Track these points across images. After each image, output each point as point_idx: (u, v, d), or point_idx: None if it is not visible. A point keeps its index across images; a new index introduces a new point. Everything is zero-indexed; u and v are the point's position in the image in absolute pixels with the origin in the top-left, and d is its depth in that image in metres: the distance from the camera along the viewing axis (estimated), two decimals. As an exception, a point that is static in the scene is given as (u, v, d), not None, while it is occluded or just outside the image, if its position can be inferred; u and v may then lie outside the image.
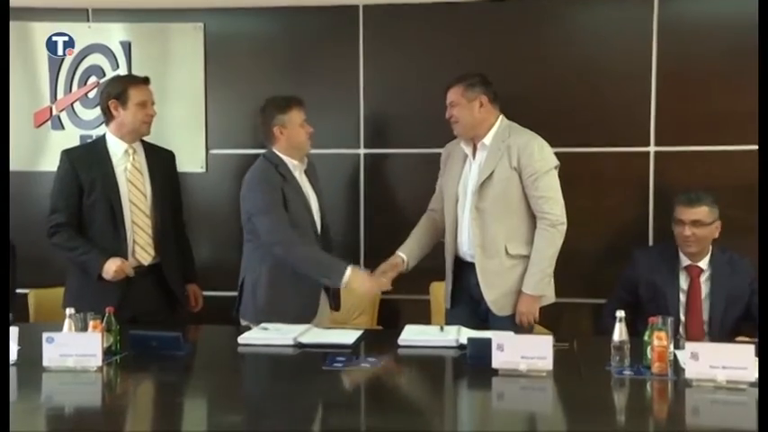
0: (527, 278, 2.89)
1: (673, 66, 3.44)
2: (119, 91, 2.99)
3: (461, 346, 2.50)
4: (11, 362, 2.30)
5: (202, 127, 3.73)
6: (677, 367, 2.24)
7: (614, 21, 3.53)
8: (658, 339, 2.22)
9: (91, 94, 3.76)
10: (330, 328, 2.90)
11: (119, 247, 2.95)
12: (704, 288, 3.04)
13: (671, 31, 3.43)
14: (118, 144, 3.01)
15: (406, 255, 3.06)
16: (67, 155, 3.03)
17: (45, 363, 2.27)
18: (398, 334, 2.64)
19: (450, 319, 3.02)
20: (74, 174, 2.97)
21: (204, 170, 3.73)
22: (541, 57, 3.52)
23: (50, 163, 3.75)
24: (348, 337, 2.64)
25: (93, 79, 3.77)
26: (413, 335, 2.64)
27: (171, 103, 3.63)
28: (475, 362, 2.32)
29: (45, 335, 2.30)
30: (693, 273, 3.04)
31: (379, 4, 3.60)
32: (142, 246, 3.00)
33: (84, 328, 2.41)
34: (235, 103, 3.75)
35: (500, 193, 2.88)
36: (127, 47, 3.74)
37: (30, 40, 3.75)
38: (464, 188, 2.97)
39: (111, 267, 2.87)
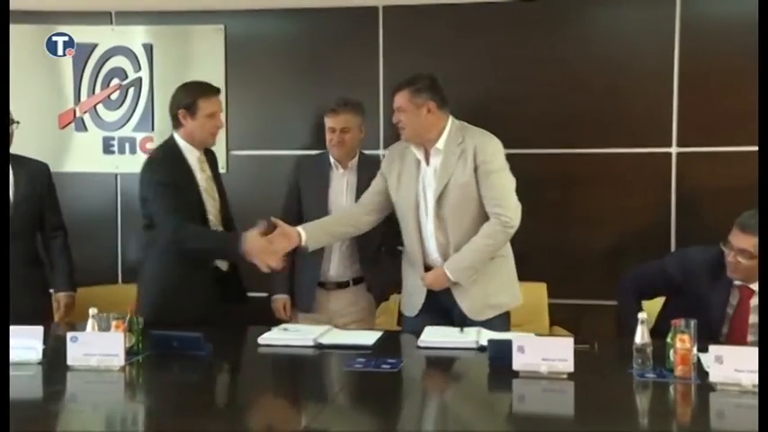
0: (455, 259, 2.77)
1: (695, 65, 3.40)
2: (189, 101, 2.95)
3: (481, 348, 2.49)
4: (36, 361, 2.34)
5: (223, 128, 3.75)
6: (701, 371, 2.21)
7: (636, 20, 3.50)
8: (681, 342, 2.19)
9: (114, 96, 3.81)
10: (350, 328, 2.91)
11: None
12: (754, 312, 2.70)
13: (694, 30, 3.40)
14: (191, 151, 2.99)
15: (306, 233, 2.88)
16: (161, 165, 2.93)
17: (69, 362, 2.30)
18: (419, 335, 2.64)
19: (410, 327, 2.86)
20: (173, 181, 2.90)
21: (225, 171, 3.75)
22: (563, 57, 3.50)
23: (74, 164, 3.81)
24: (368, 338, 2.64)
25: (115, 81, 3.81)
26: (433, 336, 2.63)
27: (192, 104, 3.66)
28: (495, 363, 2.31)
29: (69, 334, 2.33)
30: (744, 293, 2.73)
31: (398, 5, 3.60)
32: None
33: (108, 328, 2.43)
34: (255, 104, 3.77)
35: (459, 198, 2.78)
36: (149, 49, 3.78)
37: (54, 42, 3.80)
38: (423, 195, 2.84)
39: (255, 246, 2.79)
